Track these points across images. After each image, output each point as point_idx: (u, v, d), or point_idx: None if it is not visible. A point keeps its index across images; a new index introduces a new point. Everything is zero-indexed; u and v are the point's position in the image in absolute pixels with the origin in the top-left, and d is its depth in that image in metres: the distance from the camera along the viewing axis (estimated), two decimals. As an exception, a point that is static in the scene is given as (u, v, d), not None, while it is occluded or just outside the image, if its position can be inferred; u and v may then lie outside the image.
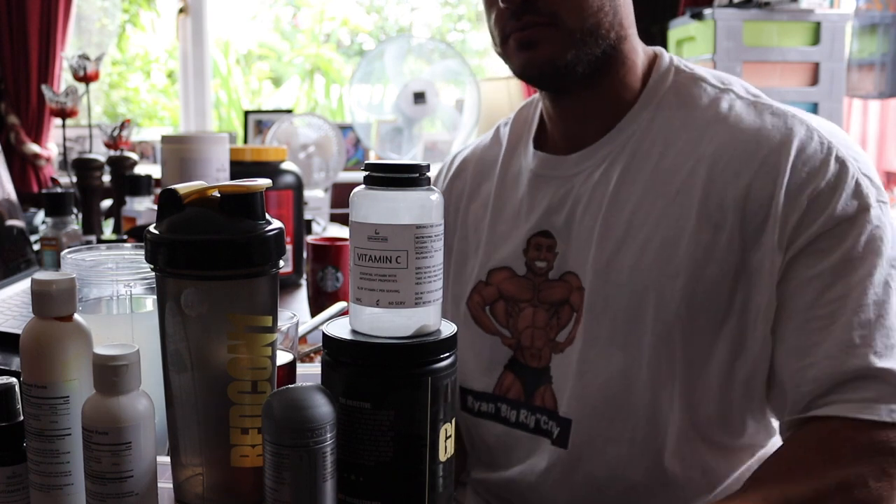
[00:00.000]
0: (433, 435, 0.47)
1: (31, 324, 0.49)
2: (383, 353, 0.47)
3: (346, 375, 0.48)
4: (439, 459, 0.48)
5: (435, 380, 0.47)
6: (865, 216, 0.60)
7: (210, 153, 1.09)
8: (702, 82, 0.69)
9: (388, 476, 0.47)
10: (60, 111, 1.58)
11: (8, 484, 0.49)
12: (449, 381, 0.48)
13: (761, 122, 0.64)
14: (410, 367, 0.47)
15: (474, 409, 0.76)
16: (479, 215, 0.78)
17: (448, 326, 0.50)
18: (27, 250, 1.04)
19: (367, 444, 0.47)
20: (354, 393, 0.47)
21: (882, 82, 2.06)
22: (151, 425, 0.47)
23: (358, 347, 0.47)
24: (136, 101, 3.33)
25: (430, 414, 0.47)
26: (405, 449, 0.47)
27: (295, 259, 1.19)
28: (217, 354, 0.50)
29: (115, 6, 3.06)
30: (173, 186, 0.50)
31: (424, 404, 0.47)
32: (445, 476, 0.49)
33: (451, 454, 0.49)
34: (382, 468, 0.47)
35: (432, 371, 0.47)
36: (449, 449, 0.49)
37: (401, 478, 0.47)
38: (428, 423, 0.47)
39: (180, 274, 0.49)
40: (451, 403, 0.48)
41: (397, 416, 0.47)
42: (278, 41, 3.52)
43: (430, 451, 0.47)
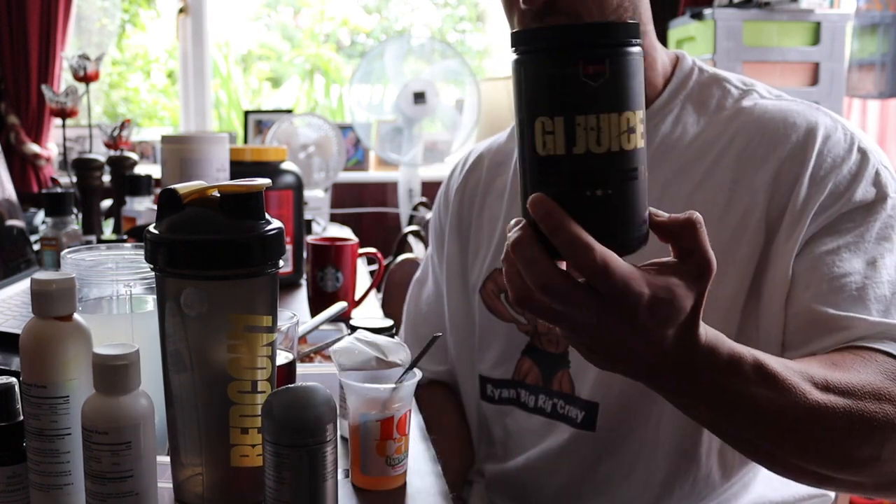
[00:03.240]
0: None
1: (30, 323, 0.49)
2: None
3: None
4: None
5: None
6: (883, 204, 0.62)
7: (210, 153, 1.09)
8: (725, 83, 0.71)
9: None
10: (60, 111, 1.58)
11: (8, 484, 0.49)
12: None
13: (787, 112, 0.66)
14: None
15: (495, 396, 0.77)
16: (494, 208, 0.79)
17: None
18: (27, 250, 1.04)
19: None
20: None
21: (882, 82, 2.06)
22: (151, 425, 0.47)
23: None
24: (136, 101, 3.33)
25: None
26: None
27: (295, 259, 1.19)
28: (217, 354, 0.50)
29: (115, 6, 3.06)
30: (173, 186, 0.50)
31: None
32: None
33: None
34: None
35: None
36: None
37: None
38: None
39: (180, 274, 0.49)
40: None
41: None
42: (278, 41, 3.52)
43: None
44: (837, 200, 0.62)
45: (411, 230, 1.83)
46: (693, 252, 0.44)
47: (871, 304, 0.58)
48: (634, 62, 0.43)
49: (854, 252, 0.60)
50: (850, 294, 0.59)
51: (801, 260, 0.62)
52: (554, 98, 0.42)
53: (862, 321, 0.57)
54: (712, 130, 0.68)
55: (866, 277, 0.59)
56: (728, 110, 0.68)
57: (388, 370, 0.61)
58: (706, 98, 0.70)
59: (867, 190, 0.62)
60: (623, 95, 0.42)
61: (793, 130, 0.65)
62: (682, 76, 0.71)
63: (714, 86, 0.70)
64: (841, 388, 0.49)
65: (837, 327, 0.58)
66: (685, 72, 0.71)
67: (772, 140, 0.65)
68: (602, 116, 0.42)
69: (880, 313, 0.58)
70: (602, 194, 0.42)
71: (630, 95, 0.43)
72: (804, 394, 0.47)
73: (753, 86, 0.71)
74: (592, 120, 0.42)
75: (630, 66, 0.43)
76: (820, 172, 0.62)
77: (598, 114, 0.42)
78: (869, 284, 0.59)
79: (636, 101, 0.43)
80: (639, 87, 0.43)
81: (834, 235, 0.61)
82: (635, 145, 0.43)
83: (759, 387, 0.47)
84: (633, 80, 0.43)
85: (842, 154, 0.63)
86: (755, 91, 0.70)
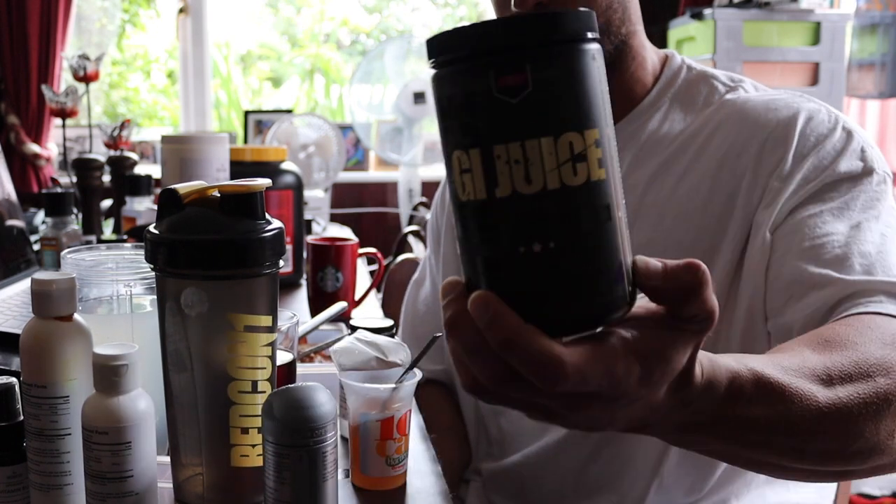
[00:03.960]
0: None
1: (31, 323, 0.49)
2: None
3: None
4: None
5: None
6: (869, 178, 0.61)
7: (210, 153, 1.09)
8: (713, 79, 0.71)
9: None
10: (60, 111, 1.58)
11: (8, 484, 0.49)
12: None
13: (770, 99, 0.66)
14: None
15: None
16: None
17: None
18: (27, 250, 1.04)
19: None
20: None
21: (882, 82, 2.06)
22: (151, 425, 0.47)
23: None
24: (136, 101, 3.33)
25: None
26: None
27: (295, 259, 1.19)
28: (217, 354, 0.50)
29: (115, 6, 3.06)
30: (173, 186, 0.50)
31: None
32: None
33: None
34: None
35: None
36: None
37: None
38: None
39: (180, 274, 0.49)
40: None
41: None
42: (278, 41, 3.52)
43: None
44: (822, 172, 0.61)
45: (411, 230, 1.83)
46: (692, 304, 0.33)
47: (854, 260, 0.55)
48: (577, 64, 0.32)
49: (838, 217, 0.58)
50: (831, 252, 0.56)
51: (783, 227, 0.60)
52: (465, 124, 0.32)
53: (841, 280, 0.54)
54: (697, 124, 0.68)
55: (849, 237, 0.57)
56: (713, 105, 0.68)
57: (388, 370, 0.61)
58: (694, 95, 0.70)
59: (853, 163, 0.61)
60: (559, 112, 0.31)
61: (775, 114, 0.64)
62: (670, 74, 0.71)
63: (701, 83, 0.70)
64: (844, 375, 0.45)
65: (817, 284, 0.55)
66: (674, 70, 0.71)
67: (754, 125, 0.64)
68: (529, 144, 0.31)
69: (863, 269, 0.55)
70: (541, 250, 0.31)
71: (574, 110, 0.31)
72: (811, 397, 0.42)
73: (741, 82, 0.71)
74: (515, 150, 0.31)
75: (569, 71, 0.31)
76: (803, 150, 0.62)
77: (523, 140, 0.31)
78: (852, 244, 0.56)
79: (586, 117, 0.31)
80: (590, 96, 0.32)
81: (818, 203, 0.60)
82: (587, 178, 0.31)
83: (764, 405, 0.40)
84: (577, 88, 0.31)
85: (825, 132, 0.63)
86: (742, 87, 0.70)
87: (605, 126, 0.33)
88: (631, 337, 0.33)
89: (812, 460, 0.45)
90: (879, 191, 0.61)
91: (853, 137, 0.62)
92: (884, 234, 0.58)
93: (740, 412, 0.40)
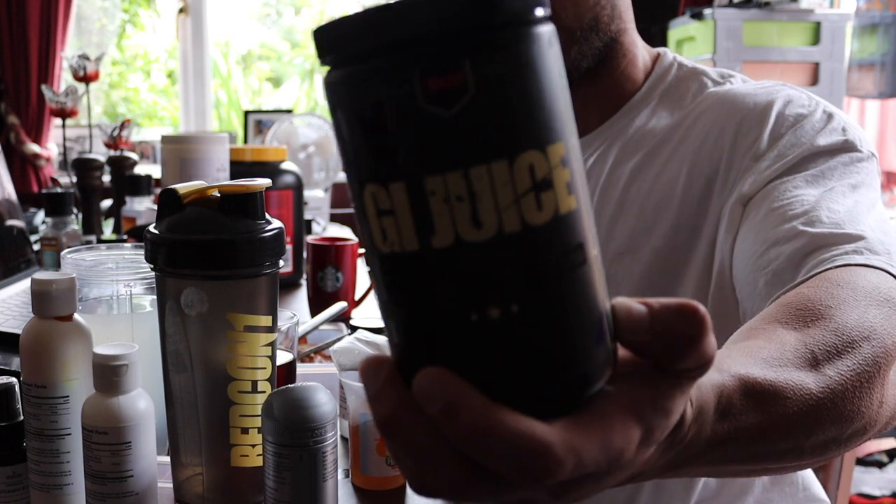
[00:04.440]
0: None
1: (31, 323, 0.49)
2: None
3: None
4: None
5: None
6: (849, 153, 0.59)
7: (210, 153, 1.09)
8: (703, 76, 0.71)
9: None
10: (60, 111, 1.58)
11: (8, 483, 0.49)
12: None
13: (752, 87, 0.66)
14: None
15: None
16: None
17: None
18: (27, 250, 1.04)
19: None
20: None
21: (882, 82, 2.06)
22: (151, 425, 0.47)
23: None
24: (136, 101, 3.33)
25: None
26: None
27: (295, 259, 1.19)
28: (217, 354, 0.50)
29: (115, 6, 3.06)
30: (173, 186, 0.50)
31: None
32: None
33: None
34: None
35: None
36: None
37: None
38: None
39: (180, 273, 0.49)
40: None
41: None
42: (278, 41, 3.52)
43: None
44: (798, 147, 0.59)
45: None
46: (688, 358, 0.27)
47: (822, 214, 0.52)
48: (532, 54, 0.23)
49: (811, 184, 0.56)
50: (799, 208, 0.53)
51: (755, 198, 0.58)
52: (379, 147, 0.23)
53: (807, 232, 0.51)
54: (680, 116, 0.68)
55: (820, 198, 0.54)
56: (704, 99, 0.69)
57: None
58: (683, 91, 0.70)
59: (832, 138, 0.60)
60: (513, 124, 0.23)
61: (753, 98, 0.64)
62: (661, 71, 0.71)
63: (691, 79, 0.70)
64: (828, 351, 0.41)
65: (782, 239, 0.52)
66: (664, 67, 0.71)
67: (731, 110, 0.64)
68: (474, 173, 0.22)
69: (831, 223, 0.51)
70: (500, 315, 0.23)
71: (532, 120, 0.23)
72: (803, 386, 0.39)
73: (731, 77, 0.70)
74: (456, 181, 0.22)
75: (523, 65, 0.23)
76: (780, 129, 0.61)
77: (467, 168, 0.22)
78: (821, 202, 0.53)
79: (548, 128, 0.23)
80: (551, 98, 0.23)
81: (792, 174, 0.58)
82: (555, 211, 0.23)
83: (756, 412, 0.36)
84: (535, 88, 0.23)
85: (805, 113, 0.62)
86: (730, 81, 0.70)
87: (570, 135, 0.24)
88: (621, 394, 0.26)
89: (811, 455, 0.42)
90: (861, 167, 0.58)
91: (834, 118, 0.62)
92: (857, 201, 0.55)
93: (733, 428, 0.35)
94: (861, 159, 0.59)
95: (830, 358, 0.41)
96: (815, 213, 0.53)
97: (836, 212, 0.53)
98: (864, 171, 0.59)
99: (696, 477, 0.39)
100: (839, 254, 0.49)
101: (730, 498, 0.69)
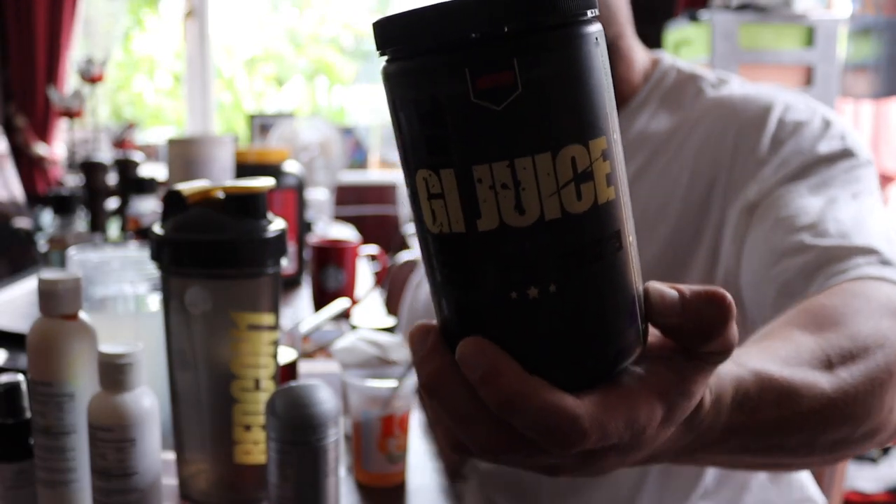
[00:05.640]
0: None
1: (37, 322, 0.49)
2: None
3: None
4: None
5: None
6: (848, 160, 0.60)
7: (214, 155, 1.10)
8: (700, 80, 0.71)
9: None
10: (67, 113, 1.59)
11: (15, 480, 0.50)
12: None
13: (751, 92, 0.67)
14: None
15: None
16: None
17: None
18: (34, 250, 1.05)
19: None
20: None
21: (876, 84, 2.07)
22: (156, 422, 0.48)
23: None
24: (141, 103, 3.35)
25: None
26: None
27: (297, 259, 1.19)
28: (220, 352, 0.50)
29: (122, 10, 3.07)
30: (178, 187, 0.51)
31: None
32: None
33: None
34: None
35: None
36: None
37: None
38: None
39: (184, 273, 0.50)
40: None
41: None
42: (282, 44, 3.53)
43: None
44: (800, 155, 0.60)
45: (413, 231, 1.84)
46: (714, 341, 0.29)
47: (829, 226, 0.54)
48: (579, 54, 0.25)
49: (815, 192, 0.58)
50: (805, 220, 0.55)
51: (760, 207, 0.59)
52: (433, 136, 0.25)
53: (816, 245, 0.52)
54: (680, 120, 0.69)
55: (824, 208, 0.56)
56: (697, 103, 0.69)
57: (390, 368, 0.61)
58: (681, 95, 0.70)
59: (832, 144, 0.61)
60: (558, 119, 0.24)
61: (753, 103, 0.65)
62: (659, 75, 0.72)
63: (689, 83, 0.71)
64: (843, 355, 0.43)
65: (790, 251, 0.54)
66: (663, 71, 0.72)
67: (731, 114, 0.65)
68: (519, 163, 0.24)
69: (838, 233, 0.53)
70: (539, 295, 0.25)
71: (576, 116, 0.25)
72: (817, 386, 0.41)
73: (729, 80, 0.71)
74: (502, 170, 0.24)
75: (569, 64, 0.24)
76: (780, 136, 0.62)
77: (512, 159, 0.24)
78: (827, 212, 0.55)
79: (591, 124, 0.25)
80: (596, 95, 0.25)
81: (795, 182, 0.59)
82: (594, 201, 0.25)
83: (771, 406, 0.38)
84: (580, 86, 0.25)
85: (804, 120, 0.63)
86: (727, 84, 0.70)
87: (613, 131, 0.26)
88: (648, 375, 0.28)
89: (822, 452, 0.43)
90: (861, 174, 0.60)
91: (832, 125, 0.63)
92: (860, 209, 0.57)
93: (748, 420, 0.37)
94: (860, 165, 0.60)
95: (844, 362, 0.42)
96: (822, 225, 0.54)
97: (842, 222, 0.54)
98: (863, 177, 0.60)
99: (709, 465, 0.41)
100: (852, 266, 0.51)
101: (729, 494, 0.69)
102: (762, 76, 2.08)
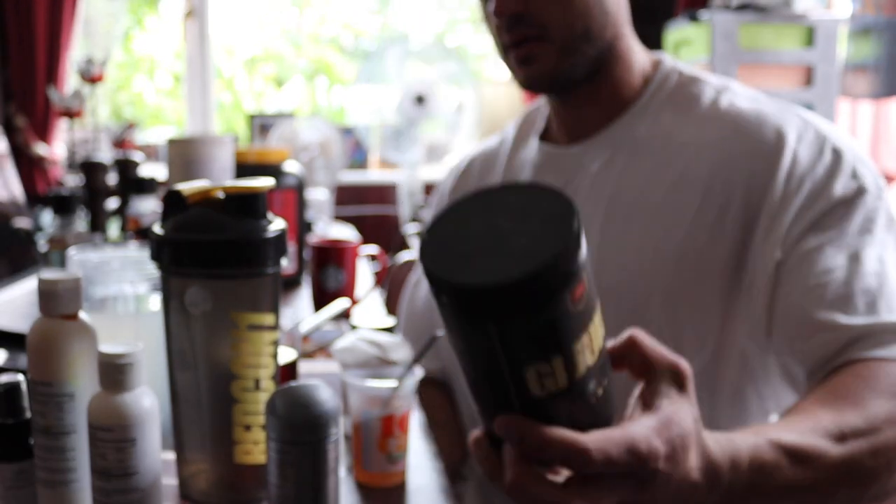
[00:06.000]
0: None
1: (37, 322, 0.49)
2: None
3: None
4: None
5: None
6: (862, 198, 0.62)
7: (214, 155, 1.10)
8: (702, 84, 0.71)
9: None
10: (67, 113, 1.59)
11: (15, 480, 0.50)
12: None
13: (760, 113, 0.67)
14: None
15: None
16: None
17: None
18: (34, 250, 1.05)
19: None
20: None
21: (876, 84, 2.07)
22: (156, 422, 0.48)
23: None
24: (141, 103, 3.35)
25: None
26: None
27: (297, 259, 1.19)
28: (220, 352, 0.50)
29: (122, 10, 3.07)
30: (178, 187, 0.51)
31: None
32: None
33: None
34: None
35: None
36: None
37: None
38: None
39: (184, 273, 0.50)
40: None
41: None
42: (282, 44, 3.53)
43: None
44: (817, 200, 0.62)
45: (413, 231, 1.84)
46: (655, 366, 0.42)
47: (857, 299, 0.58)
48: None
49: (837, 247, 0.60)
50: (834, 291, 0.58)
51: (787, 263, 0.62)
52: (547, 341, 0.36)
53: (844, 326, 0.57)
54: (688, 131, 0.68)
55: (850, 272, 0.59)
56: (704, 110, 0.69)
57: (390, 368, 0.61)
58: (683, 99, 0.70)
59: (846, 185, 0.62)
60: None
61: (766, 130, 0.65)
62: (661, 78, 0.72)
63: (692, 87, 0.71)
64: (856, 432, 0.50)
65: (822, 328, 0.58)
66: (664, 74, 0.72)
67: (745, 140, 0.65)
68: (591, 327, 0.37)
69: (866, 308, 0.57)
70: (603, 390, 0.40)
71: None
72: (826, 453, 0.48)
73: (729, 85, 0.71)
74: (585, 338, 0.37)
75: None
76: (795, 173, 0.63)
77: (587, 327, 0.37)
78: (853, 279, 0.58)
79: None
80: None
81: (817, 233, 0.61)
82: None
83: (785, 469, 0.46)
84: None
85: (815, 155, 0.64)
86: (730, 90, 0.70)
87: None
88: (633, 418, 0.40)
89: None
90: (873, 209, 0.62)
91: (842, 157, 0.64)
92: (881, 258, 0.60)
93: (764, 481, 0.45)
94: (873, 199, 0.62)
95: (856, 437, 0.50)
96: (850, 298, 0.58)
97: (869, 292, 0.58)
98: (877, 214, 0.62)
99: None
100: (879, 346, 0.56)
101: None
102: (762, 76, 2.08)
